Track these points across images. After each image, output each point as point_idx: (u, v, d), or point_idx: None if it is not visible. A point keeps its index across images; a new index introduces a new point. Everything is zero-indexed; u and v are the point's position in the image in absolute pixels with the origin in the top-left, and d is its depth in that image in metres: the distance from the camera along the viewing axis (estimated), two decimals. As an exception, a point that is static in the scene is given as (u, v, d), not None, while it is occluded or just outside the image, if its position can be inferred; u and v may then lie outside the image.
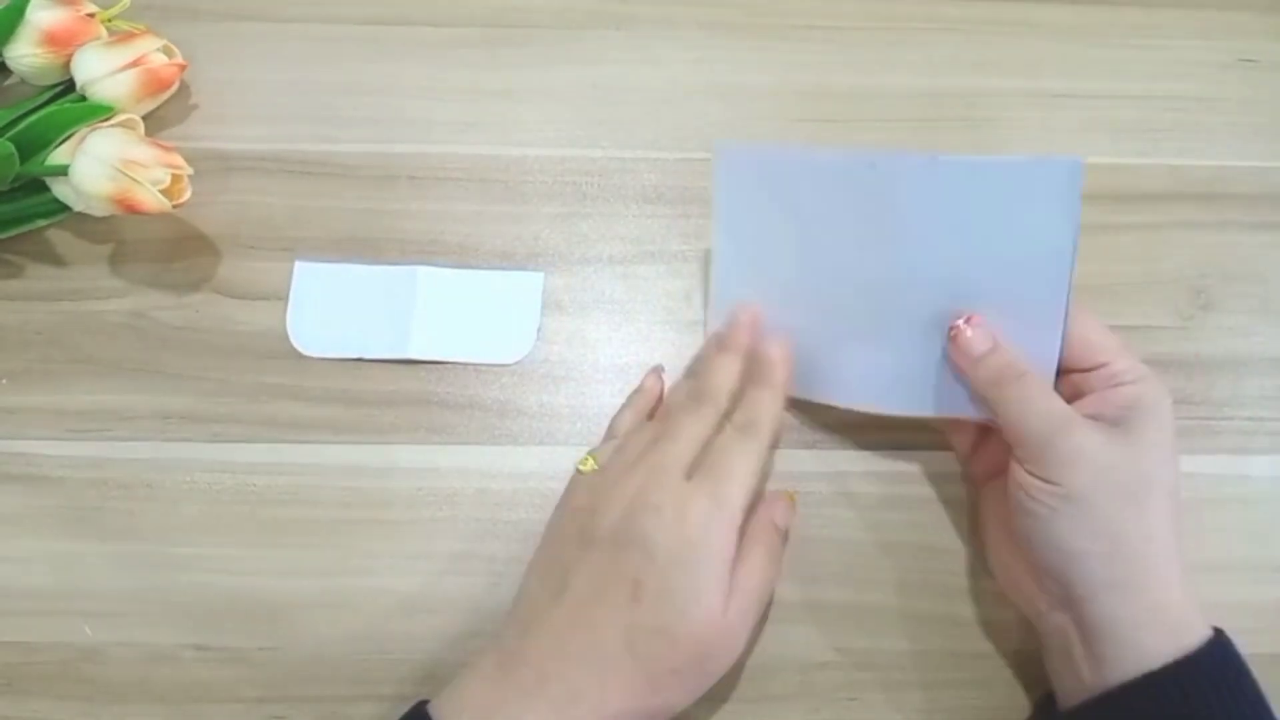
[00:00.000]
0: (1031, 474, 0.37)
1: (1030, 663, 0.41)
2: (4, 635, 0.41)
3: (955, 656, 0.41)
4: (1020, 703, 0.41)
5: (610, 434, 0.43)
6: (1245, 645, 0.41)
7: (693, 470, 0.37)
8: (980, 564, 0.42)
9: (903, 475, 0.44)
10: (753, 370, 0.41)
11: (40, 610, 0.42)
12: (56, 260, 0.47)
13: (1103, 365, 0.38)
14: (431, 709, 0.34)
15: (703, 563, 0.35)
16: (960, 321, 0.39)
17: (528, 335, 0.46)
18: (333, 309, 0.46)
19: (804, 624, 0.42)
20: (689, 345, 0.46)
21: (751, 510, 0.38)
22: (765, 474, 0.44)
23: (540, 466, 0.44)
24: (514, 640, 0.36)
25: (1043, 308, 0.38)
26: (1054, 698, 0.38)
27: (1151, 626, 0.35)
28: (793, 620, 0.42)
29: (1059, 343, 0.38)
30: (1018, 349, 0.38)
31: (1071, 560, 0.36)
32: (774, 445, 0.43)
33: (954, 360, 0.39)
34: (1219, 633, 0.35)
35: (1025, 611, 0.39)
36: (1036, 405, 0.37)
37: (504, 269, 0.47)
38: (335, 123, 0.50)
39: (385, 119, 0.50)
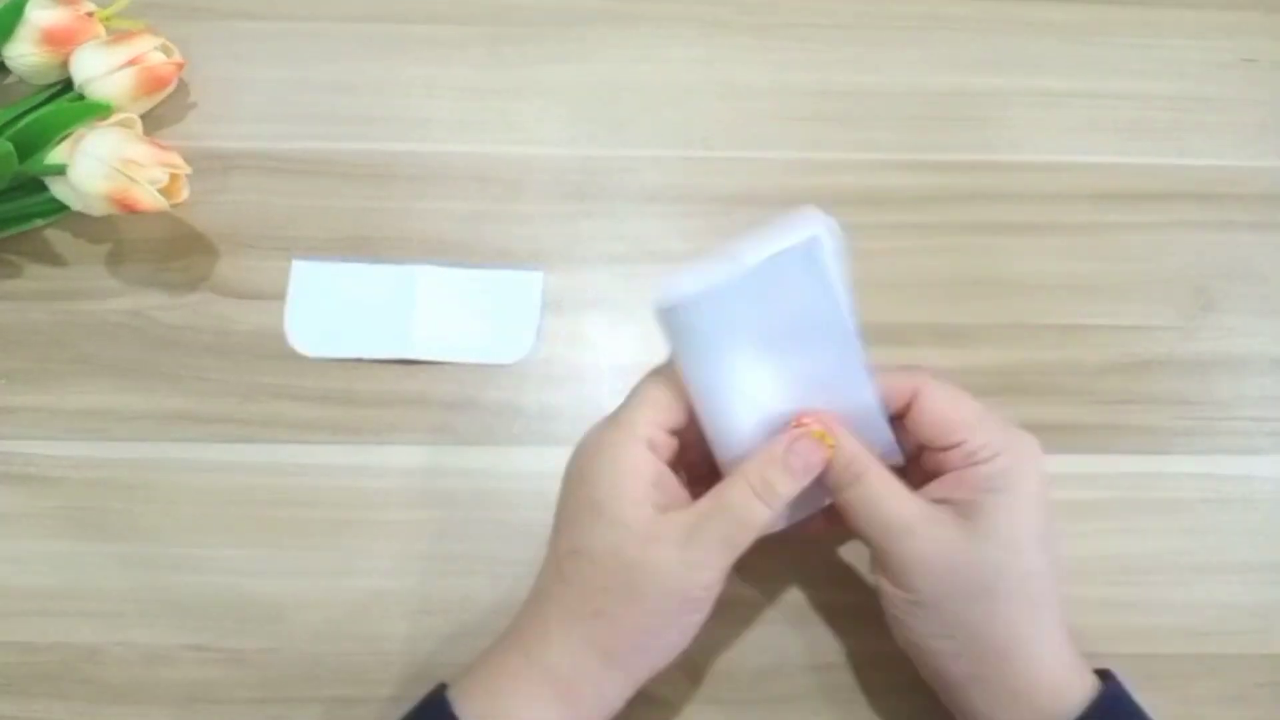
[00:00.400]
0: (881, 577, 0.36)
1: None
2: (4, 635, 0.41)
3: (955, 657, 0.41)
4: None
5: None
6: (1245, 645, 0.42)
7: None
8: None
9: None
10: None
11: (40, 610, 0.42)
12: (55, 260, 0.47)
13: (959, 444, 0.36)
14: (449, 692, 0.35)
15: (602, 476, 0.35)
16: (802, 418, 0.36)
17: (527, 335, 0.46)
18: (331, 309, 0.46)
19: (806, 625, 0.42)
20: (689, 345, 0.46)
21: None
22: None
23: (540, 466, 0.44)
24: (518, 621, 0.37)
25: (848, 377, 0.36)
26: None
27: (1016, 711, 0.34)
28: (795, 621, 0.42)
29: (876, 404, 0.36)
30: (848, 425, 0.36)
31: (929, 656, 0.36)
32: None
33: (789, 467, 0.36)
34: (1107, 683, 0.35)
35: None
36: (876, 510, 0.35)
37: (504, 269, 0.47)
38: (334, 122, 0.50)
39: (385, 118, 0.50)
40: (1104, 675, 0.35)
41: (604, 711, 0.35)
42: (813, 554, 0.43)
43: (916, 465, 0.37)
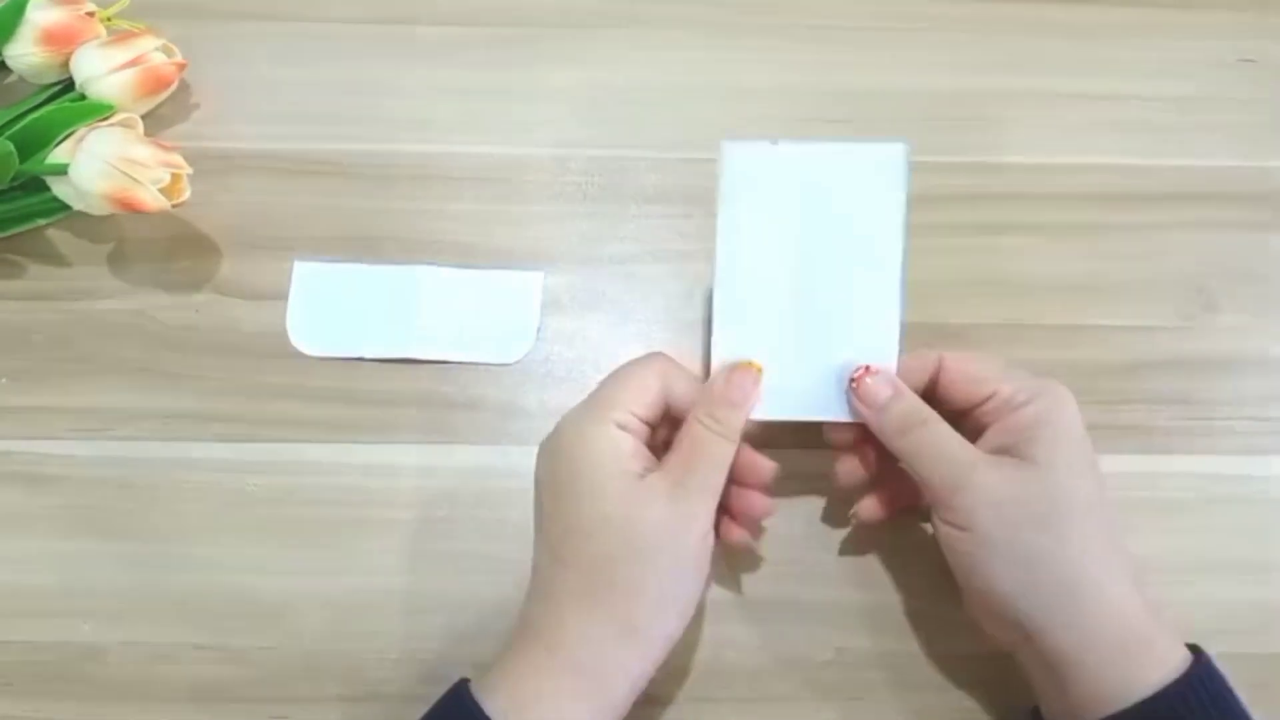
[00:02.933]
0: (944, 521, 0.36)
1: (1030, 663, 0.41)
2: (4, 635, 0.41)
3: (956, 657, 0.41)
4: (1021, 703, 0.41)
5: None
6: (1245, 645, 0.42)
7: None
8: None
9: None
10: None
11: (41, 610, 0.42)
12: (56, 260, 0.47)
13: (991, 395, 0.37)
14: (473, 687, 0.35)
15: (575, 452, 0.36)
16: (859, 371, 0.38)
17: (528, 335, 0.46)
18: (333, 309, 0.46)
19: (805, 624, 0.42)
20: (689, 345, 0.46)
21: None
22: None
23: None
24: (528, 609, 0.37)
25: (880, 292, 0.37)
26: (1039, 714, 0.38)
27: (1114, 662, 0.34)
28: (794, 620, 0.42)
29: (897, 327, 0.38)
30: (859, 334, 0.38)
31: (1006, 601, 0.35)
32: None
33: (857, 410, 0.38)
34: (1198, 656, 0.35)
35: (1002, 646, 0.38)
36: (942, 450, 0.36)
37: (504, 269, 0.47)
38: (335, 122, 0.50)
39: (386, 119, 0.50)
40: (1194, 650, 0.35)
41: (631, 691, 0.35)
42: (812, 554, 0.43)
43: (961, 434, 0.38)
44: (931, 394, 0.39)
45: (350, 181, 0.48)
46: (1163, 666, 0.34)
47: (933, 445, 0.36)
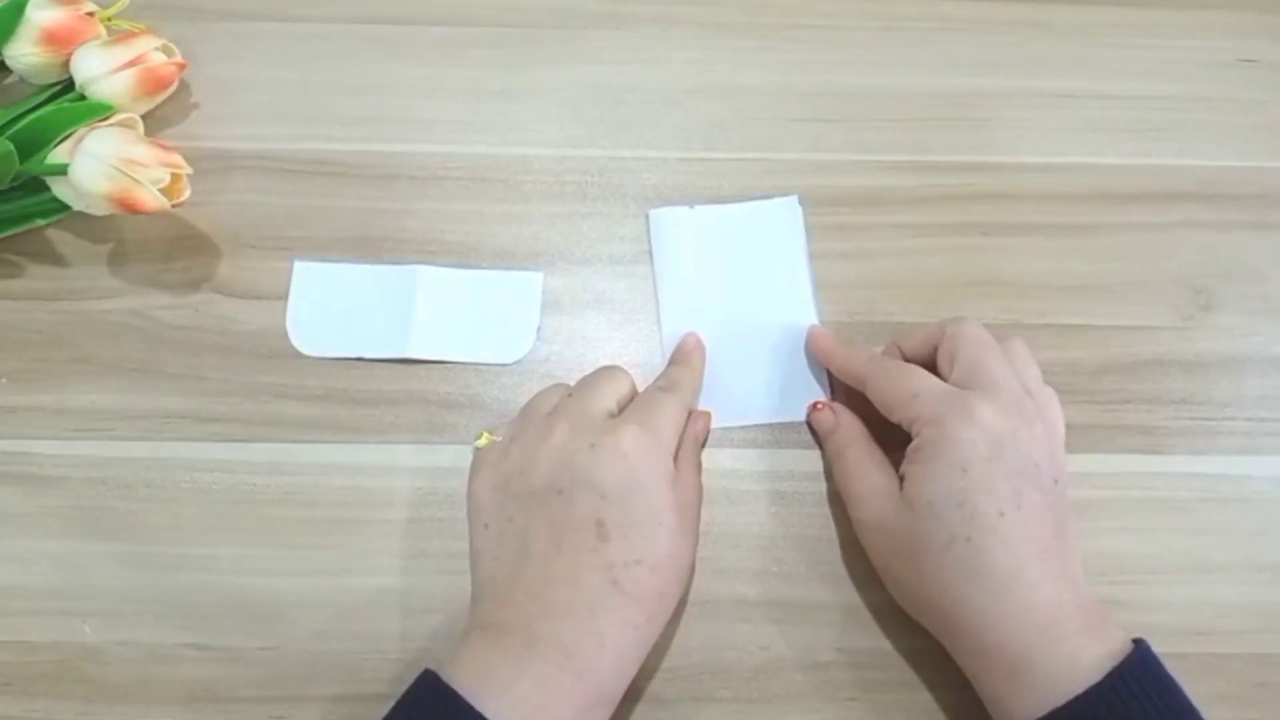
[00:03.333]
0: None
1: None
2: (4, 635, 0.41)
3: (955, 656, 0.41)
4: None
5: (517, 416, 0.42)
6: (1245, 645, 0.42)
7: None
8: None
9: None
10: (673, 356, 0.45)
11: (40, 610, 0.42)
12: (56, 260, 0.47)
13: (900, 420, 0.39)
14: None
15: (652, 487, 0.36)
16: (815, 405, 0.44)
17: (528, 335, 0.46)
18: (332, 309, 0.46)
19: (804, 624, 0.42)
20: (689, 345, 0.46)
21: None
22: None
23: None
24: (492, 613, 0.36)
25: (799, 309, 0.46)
26: None
27: (1009, 679, 0.35)
28: (794, 620, 0.42)
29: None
30: (785, 347, 0.46)
31: (909, 611, 0.39)
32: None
33: (812, 429, 0.44)
34: (1133, 650, 0.34)
35: None
36: (846, 482, 0.41)
37: (504, 269, 0.47)
38: (335, 122, 0.50)
39: (385, 119, 0.50)
40: (1137, 644, 0.35)
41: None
42: (811, 553, 0.43)
43: None
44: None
45: (350, 181, 0.49)
46: (1066, 684, 0.33)
47: (840, 480, 0.41)
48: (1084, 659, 0.34)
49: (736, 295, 0.46)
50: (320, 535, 0.43)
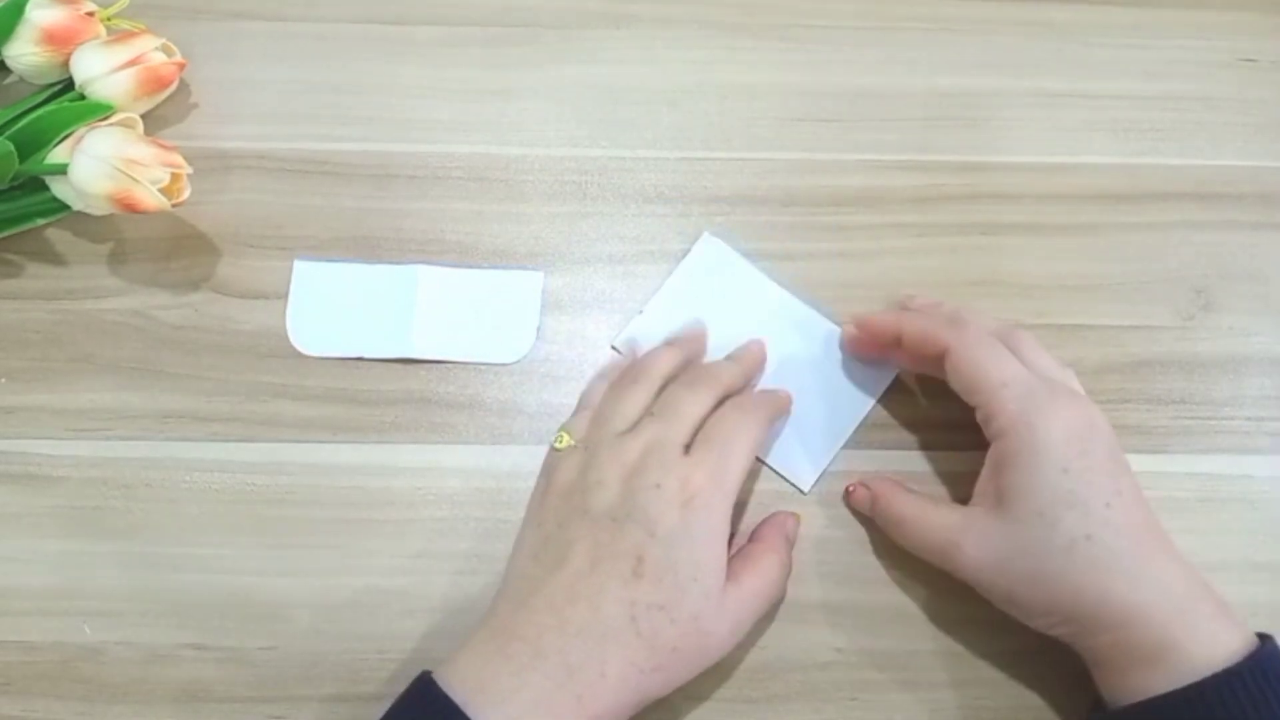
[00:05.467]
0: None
1: (1031, 662, 0.41)
2: (4, 635, 0.41)
3: (955, 656, 0.41)
4: (1021, 703, 0.41)
5: (581, 406, 0.42)
6: (1245, 645, 0.41)
7: (690, 444, 0.38)
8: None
9: (905, 475, 0.44)
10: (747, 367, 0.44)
11: (40, 610, 0.42)
12: (56, 259, 0.47)
13: (976, 407, 0.38)
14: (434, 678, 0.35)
15: (702, 541, 0.36)
16: (853, 486, 0.43)
17: (528, 335, 0.46)
18: (332, 308, 0.46)
19: (805, 624, 0.42)
20: (689, 345, 0.46)
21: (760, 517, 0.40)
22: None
23: (540, 466, 0.44)
24: (508, 614, 0.36)
25: (803, 327, 0.46)
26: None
27: (1144, 664, 0.34)
28: (794, 620, 0.42)
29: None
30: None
31: (1030, 623, 0.38)
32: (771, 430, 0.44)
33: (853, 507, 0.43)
34: (1260, 644, 0.34)
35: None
36: (924, 540, 0.39)
37: (504, 268, 0.47)
38: (335, 122, 0.50)
39: (385, 119, 0.50)
40: (1263, 638, 0.35)
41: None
42: (810, 553, 0.43)
43: None
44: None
45: (350, 181, 0.48)
46: (1205, 663, 0.34)
47: (916, 538, 0.40)
48: (1223, 640, 0.34)
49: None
50: (320, 535, 0.43)
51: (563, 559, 0.36)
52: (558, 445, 0.40)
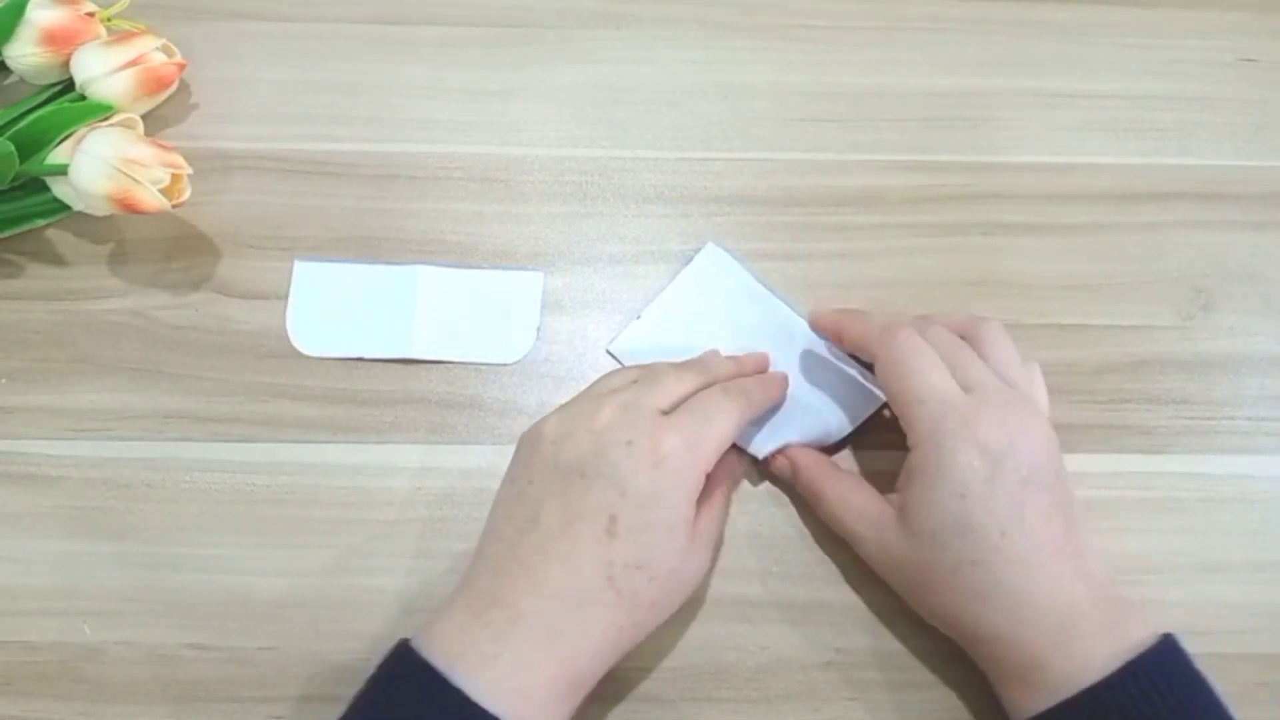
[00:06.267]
0: None
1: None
2: (4, 635, 0.41)
3: (955, 657, 0.41)
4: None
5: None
6: (1245, 645, 0.42)
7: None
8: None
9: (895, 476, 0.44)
10: (746, 361, 0.44)
11: (40, 610, 0.42)
12: (56, 260, 0.47)
13: (903, 423, 0.38)
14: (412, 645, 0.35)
15: (673, 501, 0.36)
16: (771, 455, 0.43)
17: (528, 335, 0.46)
18: (332, 308, 0.46)
19: (804, 624, 0.42)
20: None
21: None
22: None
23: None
24: (486, 579, 0.36)
25: (798, 343, 0.45)
26: None
27: (1029, 682, 0.35)
28: (793, 620, 0.42)
29: (837, 358, 0.45)
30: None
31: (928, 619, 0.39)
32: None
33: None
34: (1159, 643, 0.34)
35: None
36: (838, 525, 0.40)
37: (504, 269, 0.47)
38: (335, 122, 0.50)
39: (385, 119, 0.50)
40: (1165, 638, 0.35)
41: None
42: (810, 553, 0.43)
43: None
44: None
45: (350, 181, 0.49)
46: (1075, 684, 0.34)
47: (830, 519, 0.41)
48: (1097, 658, 0.34)
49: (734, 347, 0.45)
50: (320, 535, 0.43)
51: (534, 519, 0.36)
52: None
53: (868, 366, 0.43)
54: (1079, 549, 0.36)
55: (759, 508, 0.43)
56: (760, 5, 0.53)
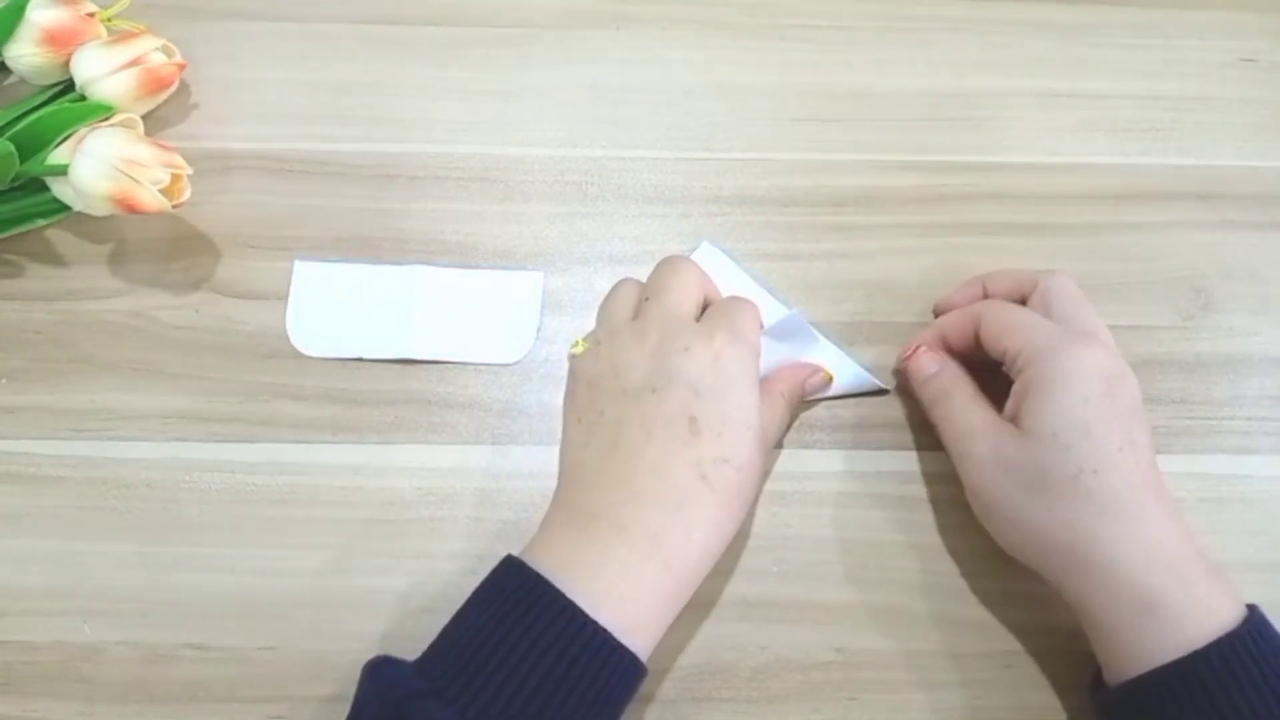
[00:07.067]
0: (966, 487, 0.40)
1: (1030, 663, 0.41)
2: (4, 635, 0.41)
3: (955, 656, 0.41)
4: (1019, 703, 0.41)
5: (600, 322, 0.43)
6: (1245, 645, 0.41)
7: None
8: (980, 564, 0.42)
9: (903, 475, 0.44)
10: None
11: (40, 610, 0.42)
12: (56, 260, 0.47)
13: (1003, 352, 0.39)
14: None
15: (742, 388, 0.37)
16: (910, 350, 0.43)
17: (528, 335, 0.46)
18: (332, 309, 0.46)
19: (804, 624, 0.42)
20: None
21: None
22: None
23: (540, 466, 0.44)
24: (578, 500, 0.36)
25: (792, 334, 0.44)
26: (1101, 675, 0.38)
27: (1134, 624, 0.34)
28: (793, 620, 0.42)
29: (831, 347, 0.45)
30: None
31: (1018, 555, 0.39)
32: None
33: (905, 378, 0.44)
34: (1249, 614, 0.34)
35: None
36: (954, 422, 0.40)
37: (504, 269, 0.47)
38: (335, 123, 0.50)
39: (385, 119, 0.50)
40: (1251, 608, 0.35)
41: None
42: (810, 553, 0.43)
43: None
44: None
45: (350, 181, 0.49)
46: (1198, 627, 0.34)
47: (947, 419, 0.41)
48: (1216, 608, 0.34)
49: None
50: (320, 535, 0.43)
51: (615, 439, 0.37)
52: (575, 350, 0.40)
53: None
54: (1174, 501, 0.36)
55: (759, 508, 0.43)
56: (760, 5, 0.53)
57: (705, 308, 0.42)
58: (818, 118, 0.50)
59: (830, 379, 0.44)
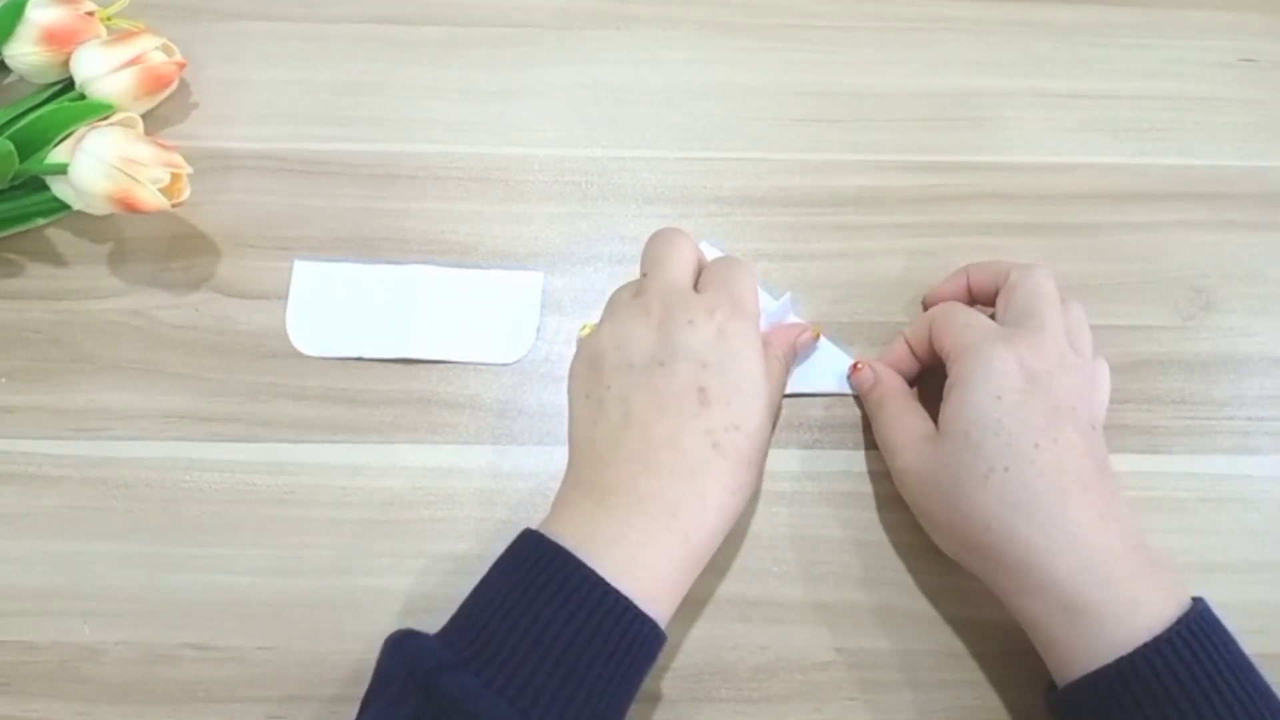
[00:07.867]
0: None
1: (1029, 662, 0.41)
2: (4, 635, 0.41)
3: (955, 657, 0.41)
4: (1018, 702, 0.41)
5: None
6: (1245, 645, 0.41)
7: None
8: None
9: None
10: None
11: (40, 610, 0.42)
12: (56, 259, 0.47)
13: (944, 353, 0.40)
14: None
15: (748, 357, 0.38)
16: (855, 364, 0.44)
17: (528, 335, 0.46)
18: (332, 308, 0.46)
19: (804, 624, 0.42)
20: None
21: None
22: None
23: (540, 466, 0.44)
24: (592, 474, 0.37)
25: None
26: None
27: (1070, 624, 0.34)
28: (793, 620, 0.42)
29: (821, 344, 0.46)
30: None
31: (958, 559, 0.39)
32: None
33: (854, 388, 0.45)
34: (1191, 607, 0.34)
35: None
36: (885, 433, 0.41)
37: (504, 269, 0.47)
38: (335, 122, 0.50)
39: (385, 119, 0.50)
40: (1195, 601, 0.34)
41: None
42: (811, 553, 0.43)
43: None
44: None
45: (350, 181, 0.49)
46: (1124, 629, 0.33)
47: (878, 434, 0.42)
48: (1143, 607, 0.33)
49: None
50: (320, 535, 0.43)
51: (626, 414, 0.37)
52: (583, 334, 0.41)
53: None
54: (1111, 495, 0.35)
55: (759, 508, 0.43)
56: (760, 5, 0.53)
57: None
58: (817, 118, 0.50)
59: (819, 334, 0.45)
